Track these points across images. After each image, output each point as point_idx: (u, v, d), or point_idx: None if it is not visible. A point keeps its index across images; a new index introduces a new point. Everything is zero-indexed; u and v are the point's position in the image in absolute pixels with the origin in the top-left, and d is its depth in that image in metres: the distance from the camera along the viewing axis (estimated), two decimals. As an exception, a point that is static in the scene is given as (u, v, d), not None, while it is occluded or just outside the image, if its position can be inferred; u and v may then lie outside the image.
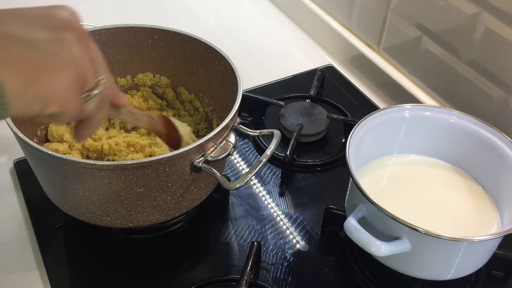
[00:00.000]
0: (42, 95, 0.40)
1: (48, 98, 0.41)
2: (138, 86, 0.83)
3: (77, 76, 0.42)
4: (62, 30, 0.42)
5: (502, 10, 0.75)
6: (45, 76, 0.40)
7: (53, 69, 0.40)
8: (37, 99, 0.40)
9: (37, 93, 0.40)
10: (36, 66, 0.39)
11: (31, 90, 0.39)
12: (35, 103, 0.40)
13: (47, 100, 0.41)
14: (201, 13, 1.22)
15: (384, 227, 0.61)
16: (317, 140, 0.88)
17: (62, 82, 0.41)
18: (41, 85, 0.40)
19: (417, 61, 0.93)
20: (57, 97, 0.41)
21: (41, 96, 0.40)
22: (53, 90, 0.41)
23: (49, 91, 0.40)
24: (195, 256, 0.71)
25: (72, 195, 0.63)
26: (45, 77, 0.40)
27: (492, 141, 0.69)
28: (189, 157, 0.61)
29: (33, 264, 0.69)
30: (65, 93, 0.42)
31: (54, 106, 0.41)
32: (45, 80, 0.40)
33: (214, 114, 0.81)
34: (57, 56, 0.41)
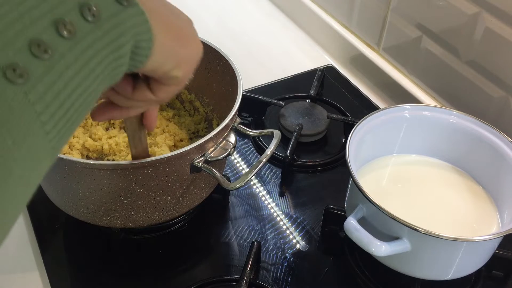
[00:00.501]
0: (179, 56, 0.44)
1: (182, 60, 0.44)
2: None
3: (201, 53, 0.48)
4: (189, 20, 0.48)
5: (502, 10, 0.75)
6: (186, 40, 0.44)
7: (191, 38, 0.46)
8: (174, 57, 0.43)
9: (177, 51, 0.43)
10: (180, 30, 0.44)
11: (174, 46, 0.42)
12: (170, 60, 0.43)
13: (180, 62, 0.44)
14: (201, 13, 1.22)
15: (384, 227, 0.61)
16: (317, 140, 0.88)
17: (194, 53, 0.47)
18: (181, 46, 0.44)
19: (417, 61, 0.93)
20: (187, 63, 0.45)
21: (178, 57, 0.43)
22: (187, 56, 0.45)
23: (185, 55, 0.44)
24: (195, 256, 0.71)
25: (72, 195, 0.63)
26: (186, 41, 0.44)
27: (492, 141, 0.69)
28: (189, 157, 0.61)
29: (33, 264, 0.69)
30: (193, 62, 0.47)
31: (181, 71, 0.45)
32: (185, 43, 0.44)
33: (214, 114, 0.80)
34: (194, 32, 0.47)
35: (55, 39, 0.30)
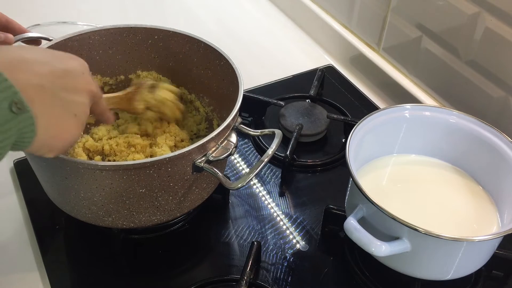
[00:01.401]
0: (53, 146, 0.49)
1: (54, 149, 0.49)
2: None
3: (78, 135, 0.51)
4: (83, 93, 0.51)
5: (502, 10, 0.75)
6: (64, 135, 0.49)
7: (71, 130, 0.50)
8: (48, 147, 0.48)
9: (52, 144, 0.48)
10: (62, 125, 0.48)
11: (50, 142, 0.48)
12: (44, 149, 0.48)
13: (53, 150, 0.49)
14: (201, 13, 1.22)
15: (384, 227, 0.61)
16: (317, 140, 0.88)
17: (71, 141, 0.50)
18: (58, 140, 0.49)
19: (417, 61, 0.93)
20: (60, 150, 0.50)
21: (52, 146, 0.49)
22: (62, 145, 0.49)
23: (59, 145, 0.49)
24: (195, 256, 0.71)
25: (73, 196, 0.63)
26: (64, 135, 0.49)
27: (492, 141, 0.69)
28: (191, 157, 0.61)
29: (33, 264, 0.69)
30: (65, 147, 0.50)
31: (53, 154, 0.50)
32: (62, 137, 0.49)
33: (215, 114, 0.81)
34: (76, 118, 0.50)
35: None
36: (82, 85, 0.51)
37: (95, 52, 0.78)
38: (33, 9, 1.16)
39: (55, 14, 1.10)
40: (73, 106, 0.49)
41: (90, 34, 0.76)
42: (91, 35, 0.76)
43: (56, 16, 1.05)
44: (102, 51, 0.78)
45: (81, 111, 0.51)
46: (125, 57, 0.80)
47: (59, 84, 0.48)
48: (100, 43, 0.78)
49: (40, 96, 0.45)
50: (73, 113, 0.49)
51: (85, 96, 0.51)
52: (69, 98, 0.49)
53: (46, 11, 1.14)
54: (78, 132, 0.51)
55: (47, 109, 0.46)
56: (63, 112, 0.48)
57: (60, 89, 0.48)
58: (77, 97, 0.50)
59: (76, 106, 0.50)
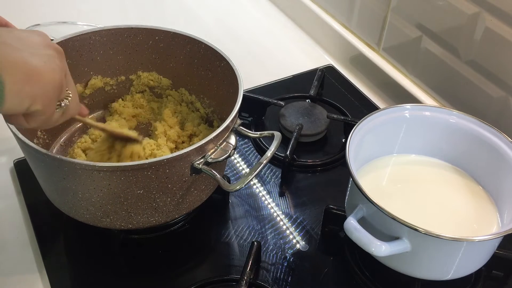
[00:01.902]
0: (33, 93, 0.48)
1: (36, 96, 0.48)
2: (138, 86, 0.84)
3: (58, 83, 0.50)
4: (46, 47, 0.51)
5: (502, 10, 0.75)
6: (37, 78, 0.48)
7: (43, 73, 0.48)
8: (28, 96, 0.47)
9: (29, 91, 0.47)
10: (31, 69, 0.47)
11: (25, 88, 0.47)
12: (25, 99, 0.47)
13: (36, 98, 0.48)
14: (201, 13, 1.22)
15: (384, 227, 0.61)
16: (317, 140, 0.88)
17: (49, 84, 0.49)
18: (33, 85, 0.48)
19: (417, 61, 0.93)
20: (42, 97, 0.49)
21: (32, 94, 0.48)
22: (42, 89, 0.49)
23: (38, 90, 0.48)
24: (195, 256, 0.71)
25: (71, 197, 0.63)
26: (38, 78, 0.48)
27: (492, 141, 0.69)
28: (189, 159, 0.61)
29: (33, 265, 0.69)
30: (48, 95, 0.50)
31: (40, 104, 0.49)
32: (37, 81, 0.48)
33: (215, 115, 0.81)
34: (46, 64, 0.49)
35: None
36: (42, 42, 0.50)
37: (95, 52, 0.78)
38: (33, 9, 1.16)
39: (55, 14, 1.10)
40: (37, 55, 0.48)
41: (91, 35, 0.76)
42: (92, 36, 0.76)
43: (56, 16, 1.05)
44: (103, 52, 0.79)
45: (48, 59, 0.49)
46: (126, 57, 0.81)
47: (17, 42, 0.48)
48: (101, 44, 0.78)
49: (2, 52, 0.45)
50: (40, 60, 0.48)
51: (48, 50, 0.50)
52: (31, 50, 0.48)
53: (46, 11, 1.14)
54: (56, 76, 0.50)
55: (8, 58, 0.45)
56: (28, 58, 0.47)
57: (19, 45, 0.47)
58: (39, 49, 0.49)
59: (40, 56, 0.49)
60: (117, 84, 0.82)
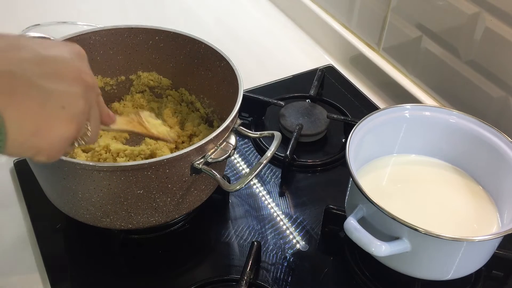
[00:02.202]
0: (39, 146, 0.41)
1: (43, 149, 0.42)
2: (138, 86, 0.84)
3: (76, 129, 0.43)
4: (72, 81, 0.42)
5: (502, 10, 0.75)
6: (48, 130, 0.41)
7: (58, 124, 0.41)
8: (32, 148, 0.41)
9: (35, 144, 0.41)
10: (43, 119, 0.40)
11: (31, 141, 0.40)
12: (29, 151, 0.41)
13: (42, 151, 0.42)
14: (201, 13, 1.22)
15: (384, 227, 0.61)
16: (317, 140, 0.88)
17: (61, 138, 0.42)
18: (42, 138, 0.41)
19: (417, 61, 0.93)
20: (50, 150, 0.42)
21: (38, 147, 0.41)
22: (50, 143, 0.41)
23: (46, 144, 0.41)
24: (195, 256, 0.71)
25: (71, 197, 0.63)
26: (49, 131, 0.41)
27: (492, 141, 0.69)
28: (189, 159, 0.61)
29: (33, 265, 0.69)
30: (59, 146, 0.43)
31: (45, 156, 0.42)
32: (47, 134, 0.41)
33: (215, 115, 0.81)
34: (64, 110, 0.41)
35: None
36: (69, 72, 0.42)
37: (95, 52, 0.78)
38: (33, 9, 1.16)
39: (55, 14, 1.10)
40: (57, 96, 0.40)
41: (91, 35, 0.76)
42: (92, 36, 0.76)
43: (56, 16, 1.05)
44: (103, 52, 0.79)
45: (70, 102, 0.41)
46: (126, 57, 0.81)
47: (37, 70, 0.39)
48: (101, 44, 0.78)
49: (8, 85, 0.37)
50: (58, 105, 0.40)
51: (74, 85, 0.42)
52: (51, 86, 0.40)
53: (46, 11, 1.14)
54: (71, 128, 0.42)
55: (20, 101, 0.38)
56: (42, 103, 0.39)
57: (38, 76, 0.39)
58: (63, 85, 0.41)
59: (61, 96, 0.41)
60: (117, 84, 0.82)
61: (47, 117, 0.40)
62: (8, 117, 0.37)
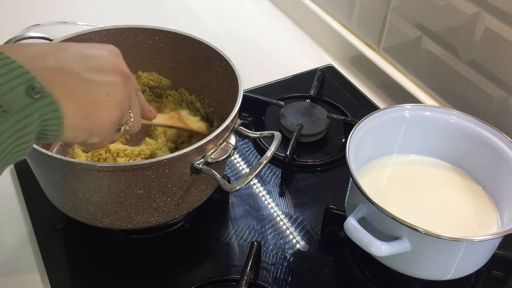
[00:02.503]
0: (91, 128, 0.47)
1: (94, 131, 0.47)
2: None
3: (120, 113, 0.49)
4: (112, 72, 0.48)
5: (502, 10, 0.75)
6: (97, 113, 0.46)
7: (104, 108, 0.47)
8: (86, 130, 0.46)
9: (87, 126, 0.46)
10: (92, 104, 0.46)
11: (84, 123, 0.46)
12: (83, 134, 0.47)
13: (94, 133, 0.47)
14: (201, 13, 1.22)
15: (384, 227, 0.61)
16: (317, 140, 0.88)
17: (109, 120, 0.48)
18: (92, 121, 0.46)
19: (417, 61, 0.93)
20: (101, 131, 0.48)
21: (90, 129, 0.47)
22: (100, 125, 0.47)
23: (97, 126, 0.47)
24: (195, 256, 0.71)
25: (71, 197, 0.63)
26: (98, 114, 0.47)
27: (492, 141, 0.69)
28: (189, 159, 0.61)
29: (33, 264, 0.69)
30: (108, 129, 0.48)
31: (97, 138, 0.48)
32: (97, 117, 0.46)
33: (215, 115, 0.81)
34: (109, 96, 0.47)
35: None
36: (109, 65, 0.48)
37: (95, 52, 0.78)
38: (33, 9, 1.16)
39: (55, 14, 1.10)
40: (101, 85, 0.47)
41: (91, 35, 0.76)
42: (92, 36, 0.76)
43: (56, 16, 1.05)
44: (102, 52, 0.78)
45: (113, 90, 0.48)
46: (126, 57, 0.78)
47: (82, 66, 0.46)
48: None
49: (61, 78, 0.43)
50: (103, 92, 0.47)
51: (114, 75, 0.48)
52: (96, 78, 0.46)
53: (46, 11, 1.14)
54: (116, 111, 0.48)
55: (71, 90, 0.44)
56: (90, 91, 0.46)
57: (84, 70, 0.45)
58: (105, 76, 0.47)
59: (104, 85, 0.47)
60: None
61: (95, 103, 0.46)
62: (64, 104, 0.43)
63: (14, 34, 0.79)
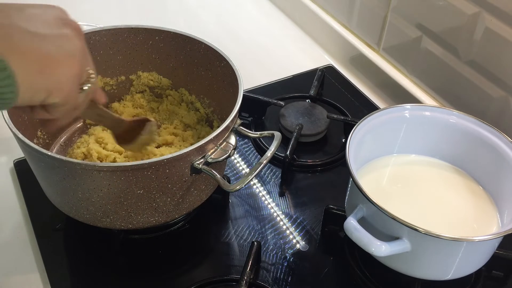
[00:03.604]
0: (48, 85, 0.43)
1: (53, 88, 0.43)
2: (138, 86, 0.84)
3: (78, 68, 0.45)
4: (62, 25, 0.44)
5: (502, 10, 0.75)
6: (52, 67, 0.42)
7: (59, 61, 0.43)
8: (43, 88, 0.42)
9: (44, 83, 0.42)
10: (44, 57, 0.42)
11: (39, 80, 0.42)
12: (40, 92, 0.42)
13: (52, 90, 0.43)
14: (201, 13, 1.22)
15: (384, 227, 0.61)
16: (317, 140, 0.88)
17: (66, 73, 0.44)
18: (48, 76, 0.42)
19: (417, 61, 0.93)
20: (61, 88, 0.44)
21: (47, 86, 0.42)
22: (58, 81, 0.43)
23: (54, 82, 0.43)
24: (195, 256, 0.71)
25: (71, 197, 0.63)
26: (52, 68, 0.42)
27: (492, 141, 0.69)
28: (189, 159, 0.61)
29: (33, 265, 0.69)
30: (68, 84, 0.44)
31: (57, 96, 0.44)
32: (52, 71, 0.42)
33: (215, 115, 0.81)
34: (62, 48, 0.43)
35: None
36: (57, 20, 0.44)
37: (95, 52, 0.78)
38: (34, 9, 1.15)
39: (55, 15, 1.10)
40: (51, 38, 0.43)
41: (91, 35, 0.76)
42: (92, 36, 0.76)
43: (56, 17, 1.05)
44: (103, 52, 0.79)
45: (66, 42, 0.44)
46: (126, 57, 0.81)
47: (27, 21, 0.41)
48: (101, 44, 0.78)
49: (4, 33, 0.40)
50: (55, 45, 0.43)
51: (63, 28, 0.44)
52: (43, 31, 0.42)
53: (47, 12, 1.14)
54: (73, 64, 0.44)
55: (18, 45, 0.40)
56: (40, 45, 0.41)
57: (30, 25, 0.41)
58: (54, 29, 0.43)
59: (56, 37, 0.43)
60: (117, 84, 0.82)
61: (47, 56, 0.42)
62: (12, 60, 0.39)
63: (14, 34, 0.79)
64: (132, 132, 0.68)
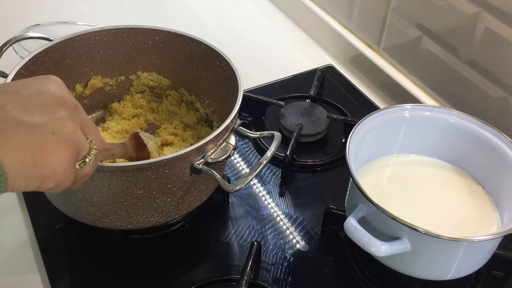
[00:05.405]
0: (42, 175, 0.43)
1: (46, 176, 0.44)
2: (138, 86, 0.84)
3: (73, 150, 0.45)
4: (56, 107, 0.45)
5: (502, 10, 0.75)
6: (45, 157, 0.43)
7: (53, 149, 0.43)
8: (36, 178, 0.43)
9: (37, 173, 0.43)
10: (37, 148, 0.42)
11: (32, 172, 0.42)
12: (34, 181, 0.43)
13: (46, 178, 0.44)
14: (201, 13, 1.22)
15: (384, 227, 0.61)
16: (317, 140, 0.88)
17: (60, 160, 0.44)
18: (42, 166, 0.43)
19: (417, 61, 0.93)
20: (54, 175, 0.44)
21: (41, 176, 0.43)
22: (52, 169, 0.44)
23: (49, 171, 0.43)
24: (195, 256, 0.71)
25: (71, 197, 0.63)
26: (46, 157, 0.43)
27: (492, 141, 0.69)
28: (189, 159, 0.61)
29: (33, 265, 0.69)
30: (62, 170, 0.45)
31: (51, 182, 0.44)
32: (45, 161, 0.43)
33: (215, 115, 0.81)
34: (55, 135, 0.44)
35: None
36: (51, 101, 0.45)
37: (95, 52, 0.78)
38: (33, 9, 1.16)
39: (55, 14, 1.10)
40: (44, 125, 0.43)
41: (91, 35, 0.76)
42: (92, 36, 0.76)
43: (56, 16, 1.05)
44: (103, 52, 0.79)
45: (59, 127, 0.44)
46: (126, 57, 0.81)
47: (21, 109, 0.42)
48: (101, 44, 0.78)
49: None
50: (48, 133, 0.43)
51: (58, 111, 0.45)
52: (37, 119, 0.43)
53: (46, 11, 1.15)
54: (66, 150, 0.44)
55: (13, 139, 0.41)
56: (33, 136, 0.42)
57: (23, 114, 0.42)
58: (47, 114, 0.44)
59: (49, 124, 0.43)
60: (117, 84, 0.82)
61: (40, 147, 0.43)
62: (6, 156, 0.40)
63: (14, 34, 0.79)
64: (137, 148, 0.69)
